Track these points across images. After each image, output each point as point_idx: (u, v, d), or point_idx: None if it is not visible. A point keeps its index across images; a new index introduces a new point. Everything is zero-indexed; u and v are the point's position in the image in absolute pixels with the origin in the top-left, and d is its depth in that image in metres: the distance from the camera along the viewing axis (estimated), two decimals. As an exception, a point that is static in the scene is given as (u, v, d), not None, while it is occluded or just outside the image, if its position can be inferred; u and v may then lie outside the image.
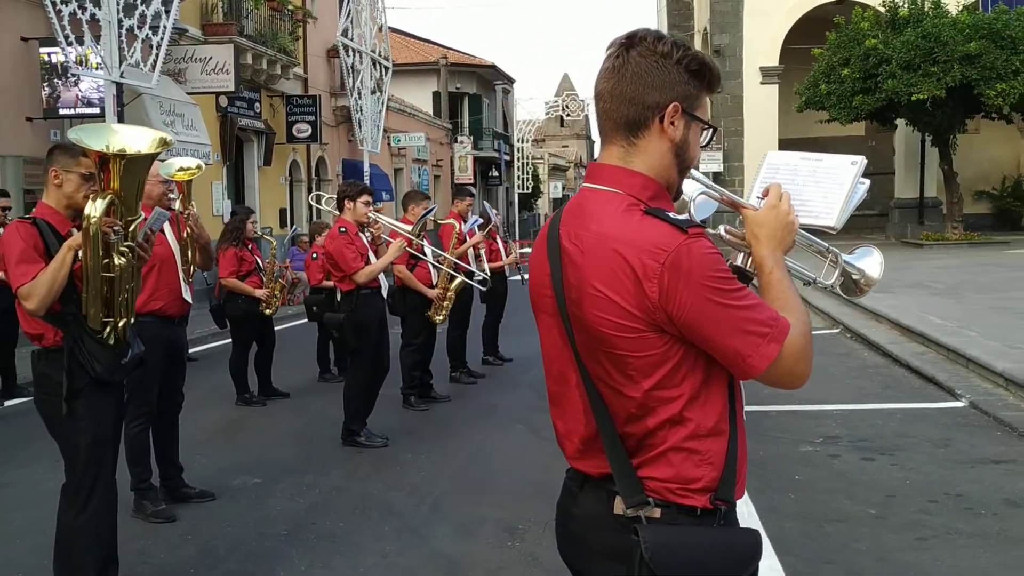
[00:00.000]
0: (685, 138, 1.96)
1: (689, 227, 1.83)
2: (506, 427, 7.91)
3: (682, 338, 1.84)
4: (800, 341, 1.86)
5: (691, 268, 1.78)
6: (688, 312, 1.79)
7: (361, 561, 4.86)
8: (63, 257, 3.93)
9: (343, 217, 7.24)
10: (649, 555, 1.81)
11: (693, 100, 1.96)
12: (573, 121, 75.78)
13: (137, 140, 3.99)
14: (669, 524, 1.88)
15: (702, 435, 1.88)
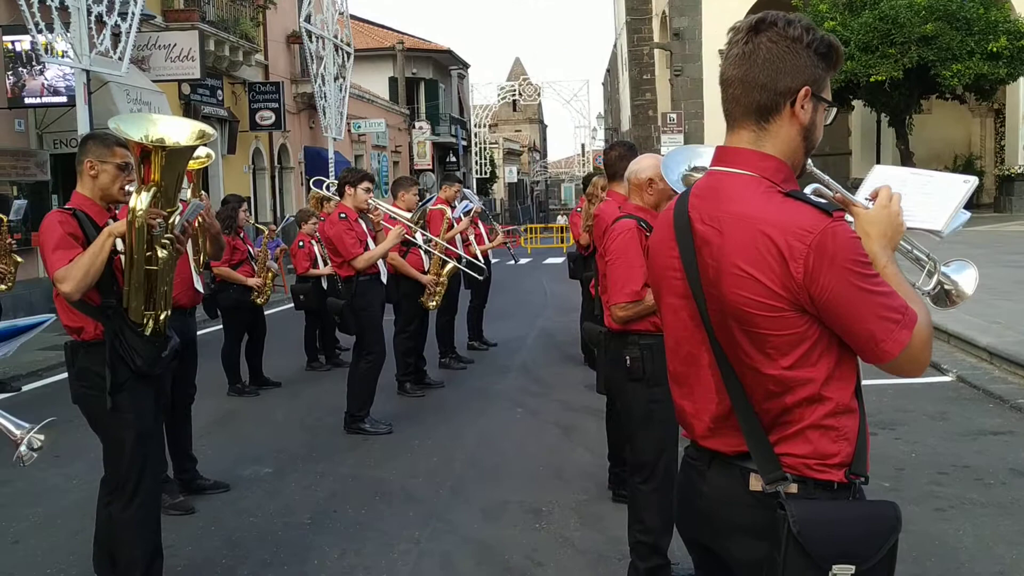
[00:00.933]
0: (813, 120, 1.99)
1: (833, 211, 1.86)
2: (507, 411, 7.94)
3: (819, 319, 1.87)
4: (926, 331, 1.90)
5: (836, 251, 1.82)
6: (829, 294, 1.82)
7: (393, 547, 4.86)
8: (102, 242, 3.85)
9: (343, 203, 7.19)
10: (797, 528, 1.84)
11: (821, 82, 1.98)
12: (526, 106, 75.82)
13: (177, 131, 3.94)
14: (807, 498, 1.92)
15: (839, 412, 1.92)
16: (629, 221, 4.15)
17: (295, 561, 4.72)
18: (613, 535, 4.85)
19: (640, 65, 33.12)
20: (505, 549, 4.79)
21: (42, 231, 3.97)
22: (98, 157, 4.05)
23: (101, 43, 11.93)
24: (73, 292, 3.86)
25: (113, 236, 3.87)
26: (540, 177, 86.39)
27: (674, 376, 2.13)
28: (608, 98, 59.84)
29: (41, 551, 4.94)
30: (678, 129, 27.42)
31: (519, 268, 22.96)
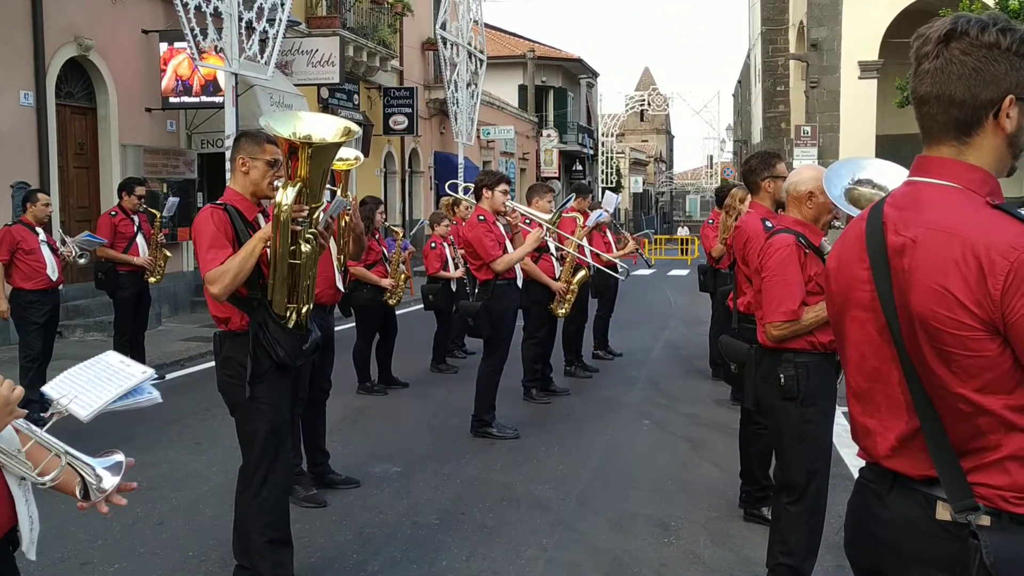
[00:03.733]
0: (1020, 125, 1.85)
1: None
2: (634, 422, 7.85)
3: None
4: None
5: None
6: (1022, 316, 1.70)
7: (521, 554, 4.85)
8: (252, 247, 3.97)
9: (481, 205, 7.24)
10: (991, 561, 1.73)
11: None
12: (653, 116, 75.22)
13: (322, 128, 4.03)
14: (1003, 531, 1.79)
15: None
16: (788, 236, 4.02)
17: (424, 561, 4.76)
18: (744, 555, 4.73)
19: (774, 76, 32.39)
20: (634, 562, 4.73)
21: (196, 227, 4.12)
22: (250, 154, 4.18)
23: (250, 48, 12.39)
24: (221, 295, 3.99)
25: (263, 241, 3.97)
26: (665, 188, 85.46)
27: (856, 392, 2.03)
28: (738, 110, 58.80)
29: (184, 534, 5.13)
30: (812, 143, 26.64)
31: (644, 279, 22.77)
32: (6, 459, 2.12)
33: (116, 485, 2.16)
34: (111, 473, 2.17)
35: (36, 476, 2.12)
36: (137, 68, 13.72)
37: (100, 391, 2.36)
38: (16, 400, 2.06)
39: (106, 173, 13.22)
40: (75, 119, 12.94)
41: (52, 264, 7.90)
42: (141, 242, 9.29)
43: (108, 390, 2.37)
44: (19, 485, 2.16)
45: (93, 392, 2.35)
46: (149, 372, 2.42)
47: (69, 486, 2.18)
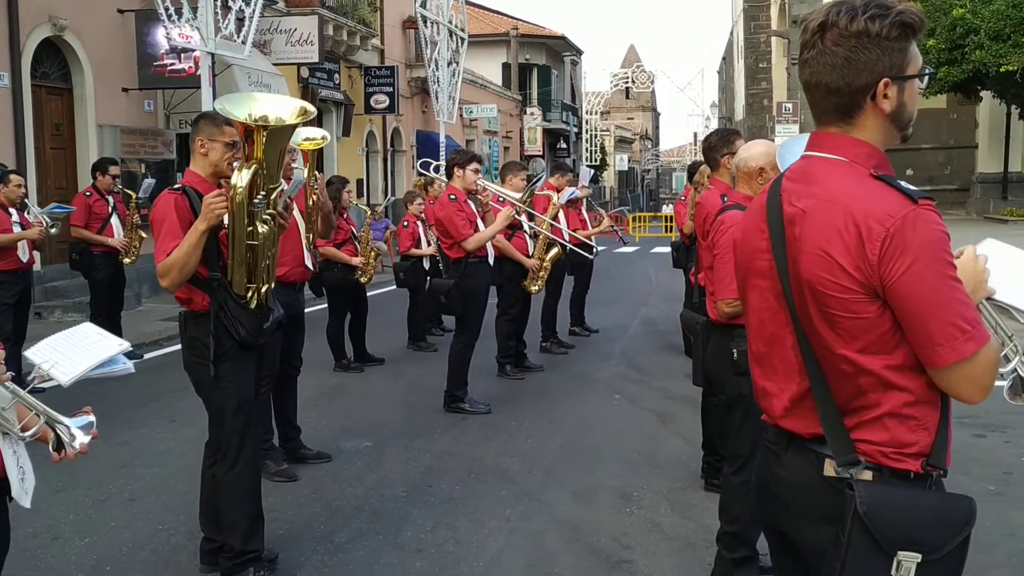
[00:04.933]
0: (900, 102, 1.95)
1: (919, 197, 1.84)
2: (605, 397, 7.97)
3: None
4: (994, 356, 1.84)
5: (914, 238, 1.79)
6: (899, 280, 1.79)
7: (485, 524, 4.96)
8: (195, 240, 3.96)
9: (452, 184, 7.30)
10: (864, 509, 1.82)
11: (901, 63, 1.93)
12: (639, 93, 75.11)
13: (278, 109, 4.05)
14: (883, 485, 1.90)
15: (919, 402, 1.89)
16: (737, 213, 4.09)
17: (389, 531, 4.86)
18: (703, 523, 4.85)
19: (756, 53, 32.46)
20: (594, 531, 4.84)
21: (155, 214, 4.15)
22: (208, 136, 4.22)
23: (226, 27, 12.38)
24: (170, 287, 4.05)
25: (201, 231, 3.96)
26: (651, 166, 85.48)
27: (756, 356, 2.14)
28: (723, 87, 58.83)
29: (155, 509, 5.22)
30: (793, 119, 26.76)
31: (625, 256, 22.89)
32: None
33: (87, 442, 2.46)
34: (83, 432, 2.46)
35: (18, 432, 2.38)
36: (114, 48, 13.67)
37: (79, 359, 2.53)
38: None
39: (83, 154, 13.20)
40: (51, 99, 12.91)
41: (23, 246, 7.92)
42: (116, 223, 9.33)
43: (87, 358, 2.54)
44: (4, 438, 2.39)
45: (72, 359, 2.52)
46: (125, 345, 2.60)
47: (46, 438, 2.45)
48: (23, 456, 2.46)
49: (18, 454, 2.44)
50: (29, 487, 2.47)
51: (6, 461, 2.42)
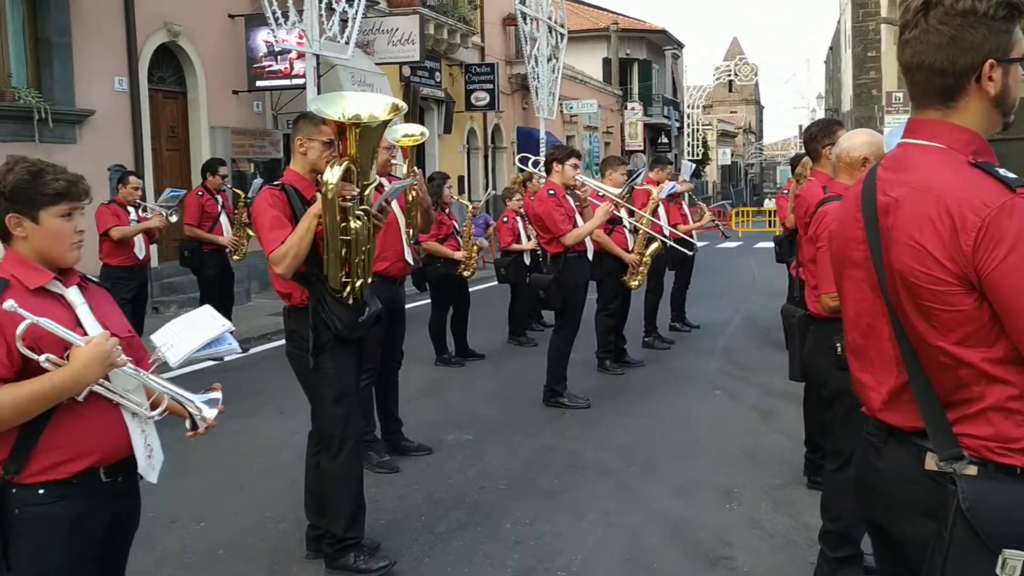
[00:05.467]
0: (1005, 85, 1.89)
1: (1017, 185, 1.77)
2: (705, 393, 7.89)
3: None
4: None
5: (1010, 227, 1.72)
6: (994, 271, 1.73)
7: (583, 517, 4.97)
8: (307, 225, 4.11)
9: (551, 179, 7.32)
10: (967, 505, 1.77)
11: (1006, 44, 1.86)
12: (742, 86, 73.81)
13: (371, 107, 4.13)
14: (988, 480, 1.84)
15: None
16: (837, 204, 4.00)
17: (489, 523, 4.92)
18: (804, 521, 4.77)
19: (865, 42, 31.42)
20: (694, 527, 4.81)
21: (255, 210, 4.31)
22: (307, 135, 4.34)
23: (330, 28, 12.67)
24: (285, 274, 4.18)
25: (315, 217, 4.11)
26: (755, 159, 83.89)
27: (853, 348, 2.10)
28: (829, 77, 57.30)
29: (263, 497, 5.39)
30: (904, 109, 25.79)
31: (728, 251, 22.55)
32: (119, 399, 2.55)
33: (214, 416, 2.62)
34: (209, 406, 2.62)
35: (146, 411, 2.58)
36: (224, 52, 14.13)
37: (188, 340, 2.65)
38: (113, 347, 2.46)
39: (196, 155, 13.67)
40: (167, 103, 13.43)
41: (140, 243, 8.27)
42: (225, 222, 9.65)
43: (193, 340, 2.66)
44: (133, 418, 2.58)
45: (183, 341, 2.65)
46: (228, 324, 2.70)
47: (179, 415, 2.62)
48: (151, 434, 2.62)
49: (146, 433, 2.61)
50: (156, 464, 2.64)
51: (134, 440, 2.58)
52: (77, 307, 2.61)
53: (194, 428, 2.62)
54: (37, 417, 2.44)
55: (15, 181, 2.55)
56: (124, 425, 2.58)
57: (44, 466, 2.48)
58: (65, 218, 2.59)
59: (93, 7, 11.65)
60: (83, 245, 2.68)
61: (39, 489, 2.48)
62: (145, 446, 2.62)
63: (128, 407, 2.58)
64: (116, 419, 2.57)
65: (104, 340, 2.46)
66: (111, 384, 2.55)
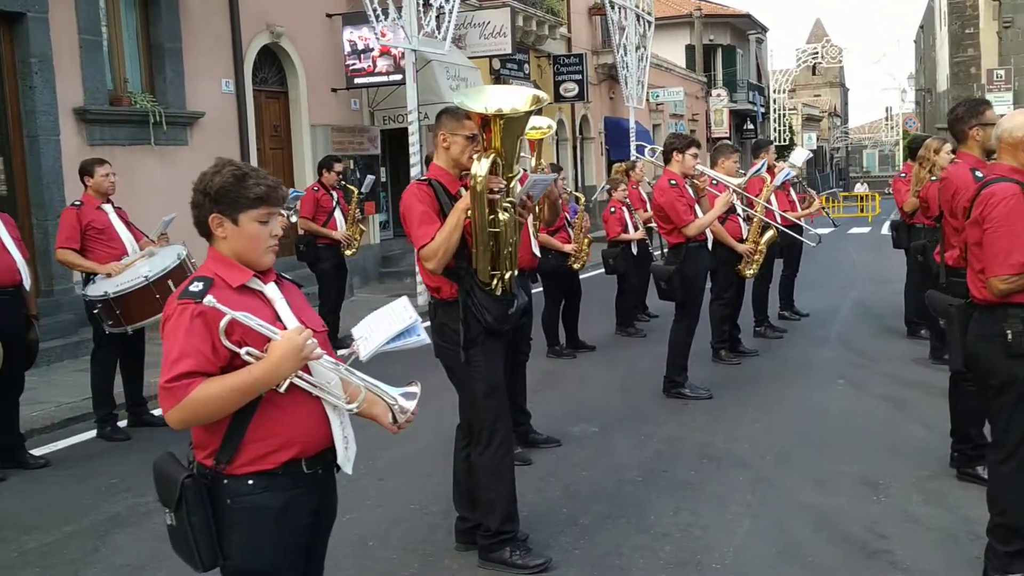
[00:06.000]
0: None
1: None
2: (828, 382, 7.74)
3: None
4: None
5: None
6: None
7: (726, 509, 4.93)
8: (456, 220, 4.14)
9: (670, 169, 7.24)
10: None
11: None
12: (826, 69, 72.18)
13: (513, 99, 4.14)
14: None
15: None
16: (1011, 185, 3.86)
17: (632, 515, 4.90)
18: (963, 514, 4.65)
19: (962, 18, 30.49)
20: (842, 519, 4.72)
21: (404, 205, 4.35)
22: (450, 130, 4.36)
23: (428, 24, 12.76)
24: (436, 269, 4.22)
25: (463, 211, 4.13)
26: (840, 144, 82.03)
27: None
28: (920, 57, 55.71)
29: (405, 488, 5.46)
30: (1006, 87, 25.03)
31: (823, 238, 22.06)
32: (319, 391, 2.61)
33: (411, 408, 2.67)
34: (406, 399, 2.67)
35: (345, 404, 2.63)
36: (322, 51, 14.35)
37: (378, 334, 2.70)
38: (306, 340, 2.50)
39: (298, 153, 13.94)
40: (269, 103, 13.69)
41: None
42: (339, 217, 9.80)
43: (382, 333, 2.70)
44: (334, 411, 2.64)
45: (374, 335, 2.69)
46: (416, 317, 2.74)
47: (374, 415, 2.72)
48: (347, 427, 2.68)
49: (344, 425, 2.67)
50: (352, 455, 2.70)
51: (334, 432, 2.64)
52: (276, 303, 2.67)
53: (394, 422, 2.67)
54: (244, 409, 2.51)
55: (221, 183, 2.62)
56: (324, 417, 2.64)
57: (252, 457, 2.55)
58: (262, 222, 2.65)
59: (200, 12, 11.94)
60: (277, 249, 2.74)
61: (248, 479, 2.55)
62: (343, 438, 2.68)
63: (328, 399, 2.64)
64: (317, 411, 2.63)
65: (297, 334, 2.51)
66: (311, 377, 2.61)
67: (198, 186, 2.66)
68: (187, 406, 2.43)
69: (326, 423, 2.64)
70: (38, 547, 4.78)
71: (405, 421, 2.69)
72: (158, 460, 2.65)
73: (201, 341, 2.47)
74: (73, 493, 5.62)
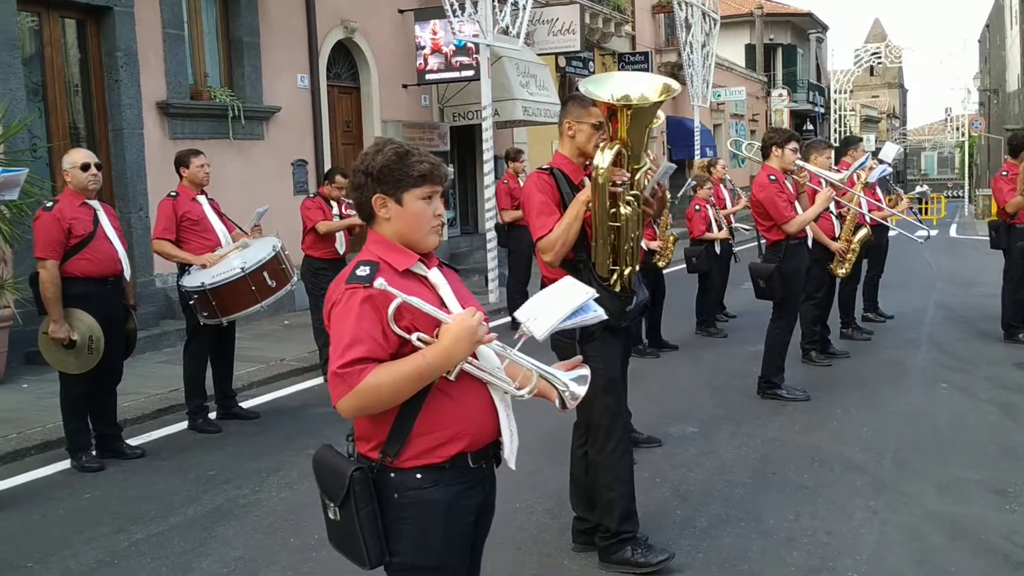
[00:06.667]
0: None
1: None
2: (928, 386, 7.48)
3: None
4: None
5: None
6: None
7: (849, 514, 4.73)
8: (575, 212, 4.00)
9: (769, 164, 7.04)
10: None
11: None
12: (885, 69, 70.95)
13: (641, 88, 3.98)
14: None
15: None
16: None
17: (749, 518, 4.73)
18: (1108, 524, 4.41)
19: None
20: (978, 528, 4.51)
21: (524, 195, 4.24)
22: (576, 118, 4.22)
23: (503, 19, 12.65)
24: (553, 262, 4.09)
25: (583, 204, 4.00)
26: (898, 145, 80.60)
27: None
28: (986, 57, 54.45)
29: (506, 486, 5.24)
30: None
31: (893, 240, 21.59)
32: (489, 377, 2.49)
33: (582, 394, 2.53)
34: (577, 384, 2.53)
35: (516, 389, 2.51)
36: (394, 47, 14.31)
37: (552, 310, 2.57)
38: (479, 322, 2.38)
39: (370, 149, 13.90)
40: (342, 98, 13.69)
41: (340, 238, 8.38)
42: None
43: (558, 310, 2.57)
44: (501, 400, 2.52)
45: (547, 312, 2.56)
46: (591, 292, 2.61)
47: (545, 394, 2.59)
48: (512, 418, 2.56)
49: (509, 416, 2.55)
50: (515, 449, 2.58)
51: (501, 424, 2.53)
52: (440, 288, 2.56)
53: (563, 406, 2.54)
54: (413, 399, 2.40)
55: (383, 162, 2.51)
56: (491, 408, 2.53)
57: (420, 450, 2.44)
58: (426, 200, 2.54)
59: (278, 7, 11.96)
60: (441, 230, 2.63)
61: (416, 473, 2.44)
62: (510, 430, 2.56)
63: (499, 386, 2.52)
64: (484, 401, 2.52)
65: (470, 315, 2.40)
66: (480, 362, 2.50)
67: (359, 167, 2.55)
68: (360, 393, 2.32)
69: (494, 415, 2.53)
70: (146, 537, 4.73)
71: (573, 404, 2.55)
72: (319, 453, 2.56)
73: (371, 326, 2.36)
74: (172, 484, 5.59)
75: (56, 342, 5.68)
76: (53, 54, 9.41)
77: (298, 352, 9.28)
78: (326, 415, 7.09)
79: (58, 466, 6.00)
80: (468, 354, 2.41)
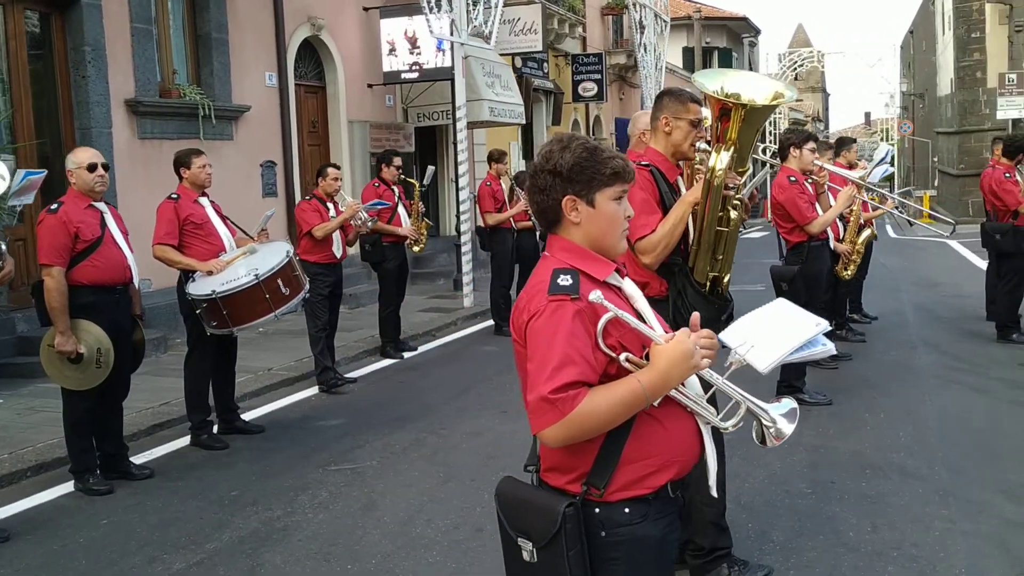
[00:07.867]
0: None
1: None
2: (942, 387, 7.43)
3: None
4: None
5: None
6: None
7: (928, 525, 4.59)
8: (681, 213, 3.79)
9: (787, 166, 6.92)
10: None
11: None
12: (808, 74, 72.48)
13: (752, 88, 3.78)
14: None
15: None
16: None
17: (827, 531, 4.56)
18: None
19: (968, 23, 30.47)
20: (1065, 536, 4.40)
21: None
22: (673, 113, 4.00)
23: (475, 18, 12.40)
24: (653, 264, 3.86)
25: (691, 205, 3.80)
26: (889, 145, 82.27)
27: None
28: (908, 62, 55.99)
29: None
30: (1019, 91, 25.01)
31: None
32: (694, 405, 2.26)
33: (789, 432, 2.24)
34: (787, 420, 2.25)
35: (719, 421, 2.28)
36: (359, 45, 13.93)
37: (777, 342, 2.35)
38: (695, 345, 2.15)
39: (336, 149, 13.50)
40: (308, 98, 13.24)
41: (337, 241, 8.04)
42: (403, 212, 9.40)
43: (785, 342, 2.35)
44: (705, 429, 2.30)
45: (771, 342, 2.34)
46: (823, 324, 2.41)
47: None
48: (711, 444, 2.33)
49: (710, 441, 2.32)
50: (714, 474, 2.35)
51: (707, 452, 2.31)
52: (636, 300, 2.31)
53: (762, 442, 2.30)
54: (620, 425, 2.15)
55: (574, 160, 2.25)
56: (697, 434, 2.29)
57: (628, 481, 2.18)
58: (618, 201, 2.29)
59: (245, 2, 11.48)
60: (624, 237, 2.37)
61: (624, 507, 2.18)
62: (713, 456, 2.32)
63: (703, 415, 2.28)
64: (691, 425, 2.28)
65: (686, 337, 2.16)
66: (687, 389, 2.25)
67: (544, 166, 2.27)
68: (573, 421, 2.06)
69: (699, 440, 2.29)
70: (186, 567, 4.36)
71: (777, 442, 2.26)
72: (507, 487, 2.29)
73: (583, 345, 2.10)
74: (194, 507, 5.20)
75: (62, 356, 5.25)
76: (18, 48, 8.84)
77: (284, 361, 8.89)
78: (334, 428, 6.76)
79: (59, 489, 5.56)
80: (684, 379, 2.18)
